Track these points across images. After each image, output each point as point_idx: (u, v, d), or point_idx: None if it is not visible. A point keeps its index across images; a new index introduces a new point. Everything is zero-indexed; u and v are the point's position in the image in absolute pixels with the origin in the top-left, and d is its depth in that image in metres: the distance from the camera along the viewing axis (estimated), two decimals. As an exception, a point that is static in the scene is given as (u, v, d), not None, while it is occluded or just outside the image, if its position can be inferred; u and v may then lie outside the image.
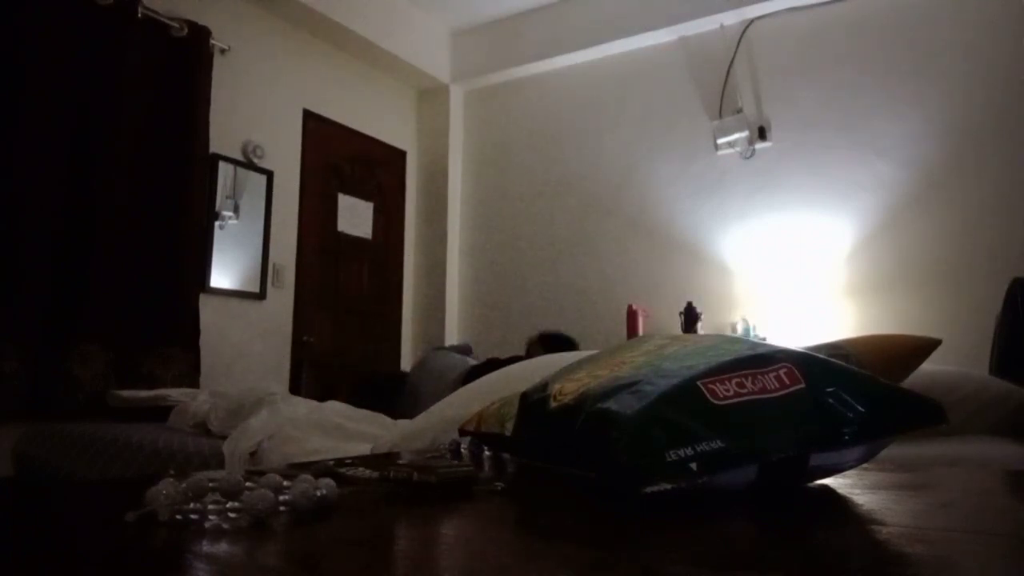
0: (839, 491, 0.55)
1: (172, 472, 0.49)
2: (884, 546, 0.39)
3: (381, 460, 0.71)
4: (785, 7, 3.83)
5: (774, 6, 3.84)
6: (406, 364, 4.66)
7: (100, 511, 0.51)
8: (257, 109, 3.77)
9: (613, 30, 4.25)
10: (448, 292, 4.71)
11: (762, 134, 3.86)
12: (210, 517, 0.43)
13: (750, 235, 3.88)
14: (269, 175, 3.78)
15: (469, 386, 1.47)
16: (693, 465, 0.45)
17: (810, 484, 0.56)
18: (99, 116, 2.98)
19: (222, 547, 0.38)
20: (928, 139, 3.50)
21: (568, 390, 0.59)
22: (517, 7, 4.51)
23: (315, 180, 4.13)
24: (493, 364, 2.43)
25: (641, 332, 3.70)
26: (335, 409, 1.91)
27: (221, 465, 1.68)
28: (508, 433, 0.66)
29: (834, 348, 1.42)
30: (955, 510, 0.53)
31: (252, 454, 1.70)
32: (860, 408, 0.50)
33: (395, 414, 2.05)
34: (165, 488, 0.43)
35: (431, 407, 1.46)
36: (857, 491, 0.55)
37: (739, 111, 3.89)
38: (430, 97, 4.86)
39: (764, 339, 3.42)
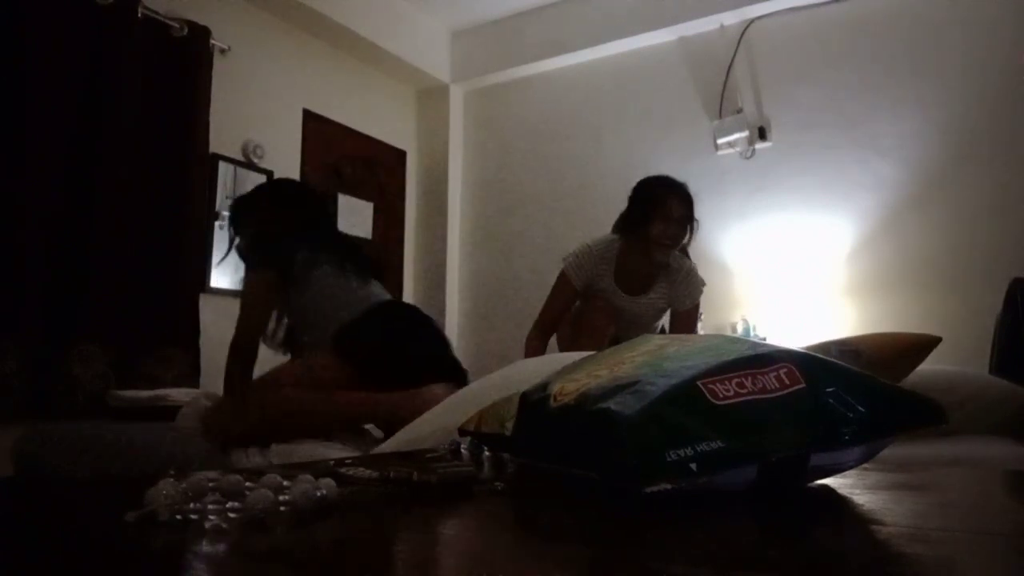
0: (839, 491, 0.55)
1: (172, 472, 0.49)
2: (884, 546, 0.39)
3: (381, 460, 0.71)
4: (785, 7, 3.83)
5: (774, 6, 3.84)
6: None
7: (100, 511, 0.51)
8: (257, 109, 3.77)
9: (613, 30, 4.25)
10: (448, 292, 4.70)
11: (762, 134, 3.86)
12: (210, 517, 0.43)
13: (750, 235, 3.88)
14: (269, 175, 3.78)
15: (468, 387, 1.47)
16: (693, 465, 0.45)
17: (810, 484, 0.56)
18: (99, 116, 2.97)
19: (222, 547, 0.38)
20: (928, 139, 3.50)
21: (568, 390, 0.59)
22: (517, 7, 4.51)
23: (315, 180, 4.12)
24: None
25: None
26: None
27: (221, 466, 1.68)
28: (508, 433, 0.66)
29: (843, 344, 1.43)
30: (955, 510, 0.53)
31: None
32: (860, 408, 0.50)
33: None
34: (165, 488, 0.44)
35: (428, 410, 1.45)
36: (857, 491, 0.55)
37: (739, 111, 3.89)
38: (430, 97, 4.86)
39: (764, 339, 3.42)
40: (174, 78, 3.29)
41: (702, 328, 3.62)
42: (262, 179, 3.74)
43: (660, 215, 2.42)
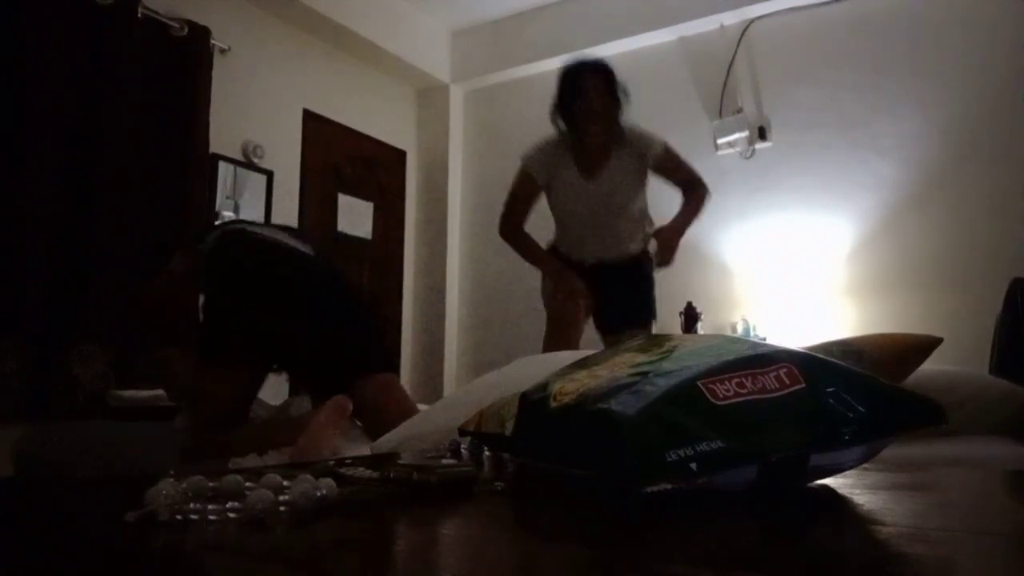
0: (839, 491, 0.55)
1: (172, 472, 0.49)
2: (884, 546, 0.39)
3: (381, 460, 0.71)
4: (785, 7, 3.83)
5: (774, 6, 3.84)
6: (406, 364, 4.66)
7: (100, 511, 0.51)
8: (257, 109, 3.77)
9: (613, 30, 4.25)
10: (448, 292, 4.70)
11: (762, 134, 3.86)
12: (210, 517, 0.43)
13: (750, 235, 3.87)
14: (269, 175, 3.78)
15: (467, 387, 1.47)
16: (693, 465, 0.45)
17: (810, 484, 0.56)
18: (99, 116, 2.98)
19: (222, 547, 0.38)
20: (928, 139, 3.50)
21: (568, 390, 0.59)
22: (517, 7, 4.51)
23: (315, 180, 4.12)
24: None
25: (641, 332, 3.69)
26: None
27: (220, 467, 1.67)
28: (508, 433, 0.66)
29: (845, 345, 1.43)
30: (955, 510, 0.53)
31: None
32: (860, 408, 0.50)
33: None
34: (165, 488, 0.43)
35: (429, 409, 1.45)
36: (857, 491, 0.55)
37: (739, 111, 3.89)
38: (430, 97, 4.86)
39: (764, 339, 3.42)
40: (174, 78, 3.29)
41: (702, 328, 3.62)
42: (262, 179, 3.74)
43: (577, 94, 2.47)
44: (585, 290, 2.53)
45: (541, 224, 2.83)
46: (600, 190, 2.54)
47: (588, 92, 2.46)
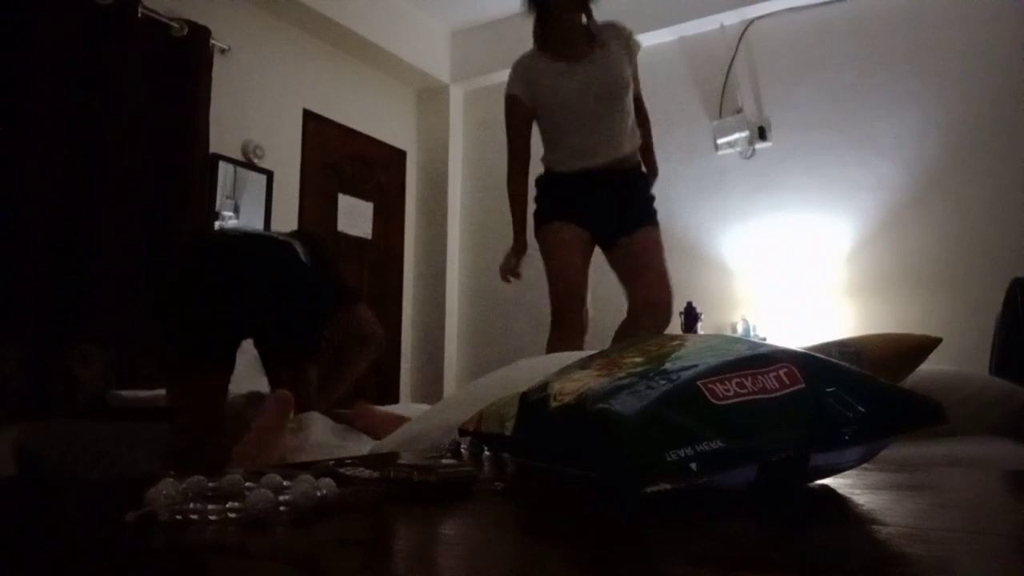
0: (839, 491, 0.55)
1: (172, 472, 0.49)
2: (884, 546, 0.39)
3: (381, 460, 0.71)
4: (785, 7, 3.83)
5: (774, 6, 3.84)
6: (406, 364, 4.66)
7: (100, 511, 0.51)
8: (257, 109, 3.77)
9: (613, 30, 4.24)
10: (448, 292, 4.70)
11: (762, 134, 3.86)
12: (210, 517, 0.43)
13: (750, 235, 3.88)
14: (269, 175, 3.78)
15: (467, 387, 1.47)
16: (693, 465, 0.45)
17: (810, 484, 0.56)
18: (99, 116, 2.98)
19: (222, 547, 0.38)
20: (928, 139, 3.50)
21: (568, 390, 0.59)
22: (517, 7, 4.47)
23: (315, 180, 4.12)
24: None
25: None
26: (315, 418, 1.90)
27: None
28: (508, 433, 0.66)
29: (843, 346, 1.43)
30: (955, 510, 0.53)
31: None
32: (860, 408, 0.50)
33: None
34: (165, 488, 0.43)
35: (429, 409, 1.45)
36: (857, 491, 0.55)
37: (739, 111, 3.90)
38: (430, 97, 4.86)
39: (764, 339, 3.42)
40: (174, 78, 3.29)
41: (702, 328, 3.62)
42: (262, 179, 3.74)
43: None
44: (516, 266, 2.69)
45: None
46: (594, 70, 2.49)
47: None
